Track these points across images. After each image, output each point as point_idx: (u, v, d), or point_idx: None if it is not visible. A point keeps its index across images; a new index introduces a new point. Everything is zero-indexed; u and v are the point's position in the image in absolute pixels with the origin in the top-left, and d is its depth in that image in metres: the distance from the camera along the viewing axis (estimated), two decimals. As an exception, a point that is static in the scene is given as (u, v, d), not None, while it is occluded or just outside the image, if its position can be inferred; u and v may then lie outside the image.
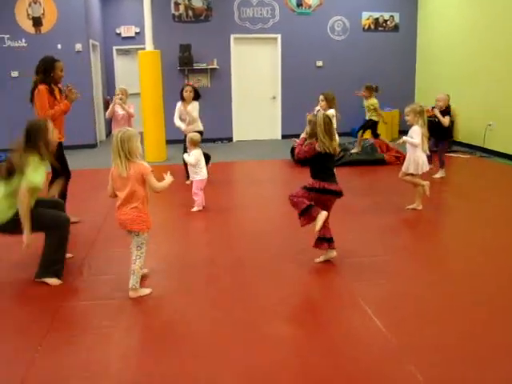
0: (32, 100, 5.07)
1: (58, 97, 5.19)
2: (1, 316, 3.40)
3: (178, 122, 7.20)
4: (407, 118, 5.76)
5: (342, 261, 4.26)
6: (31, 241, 3.67)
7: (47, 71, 5.06)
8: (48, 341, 3.05)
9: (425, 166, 5.64)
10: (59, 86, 5.30)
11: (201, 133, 6.87)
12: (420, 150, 5.61)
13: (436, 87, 11.02)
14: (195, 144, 5.86)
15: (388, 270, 4.09)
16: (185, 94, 7.16)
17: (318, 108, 6.61)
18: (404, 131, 11.54)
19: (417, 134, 5.60)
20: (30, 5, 10.23)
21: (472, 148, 9.61)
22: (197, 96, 7.26)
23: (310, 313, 3.38)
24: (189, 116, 7.10)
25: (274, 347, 2.95)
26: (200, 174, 5.86)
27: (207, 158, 6.77)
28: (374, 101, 8.84)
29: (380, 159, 8.36)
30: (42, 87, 4.98)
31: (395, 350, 2.89)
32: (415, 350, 2.88)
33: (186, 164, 6.42)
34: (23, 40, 10.32)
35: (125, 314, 3.41)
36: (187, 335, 3.11)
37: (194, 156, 5.78)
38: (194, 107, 7.15)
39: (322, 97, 6.74)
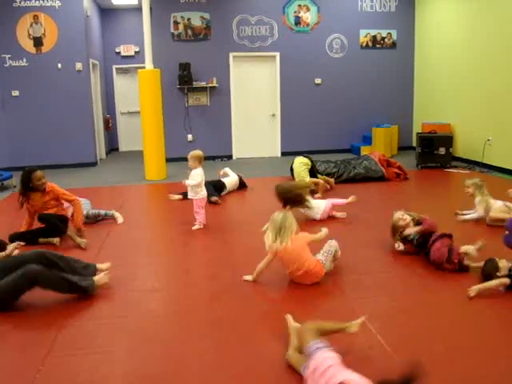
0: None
1: (38, 198, 5.54)
2: (3, 335, 3.38)
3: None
4: (469, 190, 5.91)
5: (343, 277, 4.25)
6: None
7: (26, 185, 5.49)
8: (50, 360, 3.03)
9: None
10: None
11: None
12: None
13: (434, 103, 11.11)
14: (200, 161, 5.84)
15: (390, 286, 4.08)
16: None
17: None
18: (403, 147, 11.67)
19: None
20: (31, 25, 10.33)
21: (471, 163, 9.63)
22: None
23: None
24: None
25: (276, 363, 2.94)
26: (200, 193, 5.85)
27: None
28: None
29: (380, 175, 8.35)
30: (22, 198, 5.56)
31: (398, 366, 2.87)
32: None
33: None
34: (24, 60, 10.39)
35: (127, 333, 3.39)
36: (190, 354, 3.09)
37: (198, 176, 5.77)
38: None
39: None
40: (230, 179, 7.89)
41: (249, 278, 4.26)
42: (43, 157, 10.50)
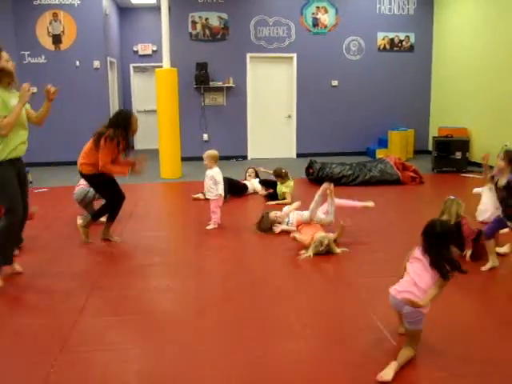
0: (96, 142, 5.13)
1: (122, 147, 5.14)
2: (16, 331, 3.41)
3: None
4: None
5: (357, 280, 4.23)
6: None
7: (126, 127, 5.10)
8: (63, 356, 3.05)
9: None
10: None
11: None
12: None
13: (451, 107, 11.03)
14: (216, 161, 5.89)
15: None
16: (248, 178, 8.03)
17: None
18: (418, 151, 11.59)
19: None
20: (50, 23, 10.43)
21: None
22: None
23: (325, 332, 3.35)
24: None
25: (290, 363, 2.94)
26: (218, 192, 5.85)
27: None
28: (291, 183, 7.50)
29: (396, 179, 8.31)
30: (116, 140, 5.01)
31: (411, 372, 2.85)
32: (431, 373, 2.84)
33: None
34: (43, 57, 10.51)
35: (140, 331, 3.40)
36: (202, 353, 3.09)
37: (219, 175, 5.85)
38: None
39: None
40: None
41: (309, 253, 4.69)
42: (59, 153, 10.58)
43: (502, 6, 9.18)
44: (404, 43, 11.74)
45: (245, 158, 11.53)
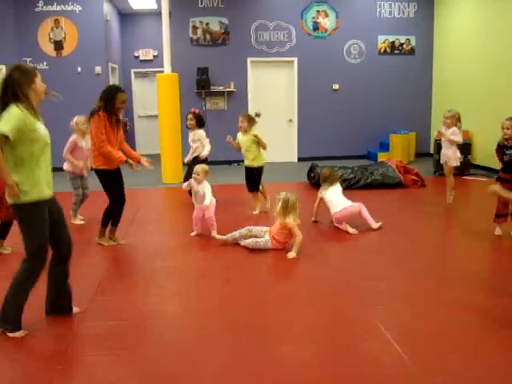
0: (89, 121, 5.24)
1: (114, 125, 5.23)
2: (21, 337, 3.40)
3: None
4: (447, 121, 6.82)
5: (360, 284, 4.23)
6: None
7: (108, 100, 5.11)
8: (66, 361, 3.05)
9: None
10: (119, 115, 5.38)
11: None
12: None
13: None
14: (206, 175, 5.78)
15: (407, 293, 4.04)
16: (187, 122, 7.33)
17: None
18: (420, 154, 11.58)
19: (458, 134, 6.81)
20: (52, 29, 10.48)
21: (490, 171, 9.53)
22: (200, 124, 7.44)
23: (327, 336, 3.35)
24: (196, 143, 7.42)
25: (291, 369, 2.93)
26: (213, 200, 5.78)
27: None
28: (256, 131, 7.25)
29: (398, 182, 8.31)
30: (101, 114, 5.06)
31: (415, 375, 2.85)
32: (435, 376, 2.83)
33: None
34: (44, 63, 10.55)
35: (142, 335, 3.41)
36: (205, 357, 3.09)
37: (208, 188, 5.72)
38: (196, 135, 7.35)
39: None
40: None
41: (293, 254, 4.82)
42: (61, 159, 10.58)
43: (502, 7, 9.19)
44: (405, 46, 11.75)
45: (246, 162, 11.52)
